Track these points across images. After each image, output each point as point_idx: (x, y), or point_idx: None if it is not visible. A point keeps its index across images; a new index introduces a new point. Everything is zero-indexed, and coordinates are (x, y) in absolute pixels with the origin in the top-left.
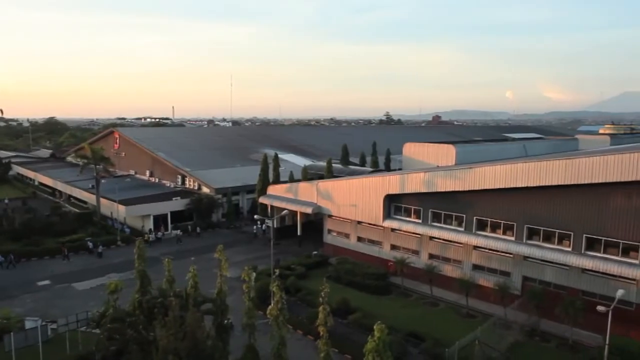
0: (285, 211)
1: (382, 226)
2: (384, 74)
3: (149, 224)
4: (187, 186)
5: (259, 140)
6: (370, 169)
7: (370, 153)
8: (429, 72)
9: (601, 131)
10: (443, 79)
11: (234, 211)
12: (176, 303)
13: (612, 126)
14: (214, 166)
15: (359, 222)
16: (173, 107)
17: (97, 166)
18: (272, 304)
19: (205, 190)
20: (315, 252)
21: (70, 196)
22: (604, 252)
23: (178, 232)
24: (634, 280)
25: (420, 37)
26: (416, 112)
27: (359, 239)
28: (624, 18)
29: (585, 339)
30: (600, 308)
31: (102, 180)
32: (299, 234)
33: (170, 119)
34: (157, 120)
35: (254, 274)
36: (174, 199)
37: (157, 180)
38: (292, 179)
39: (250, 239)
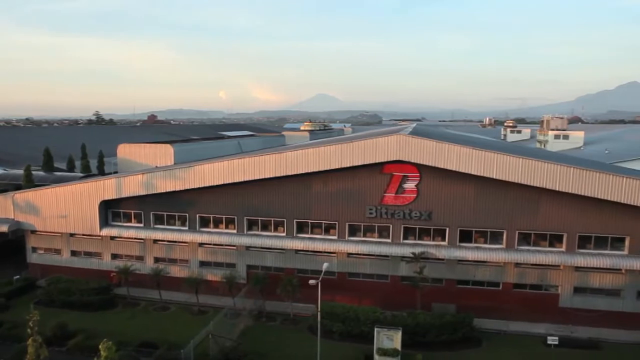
0: None
1: (99, 235)
2: (92, 69)
3: None
4: None
5: None
6: (82, 174)
7: (80, 157)
8: (143, 70)
9: (302, 128)
10: (158, 78)
11: None
12: None
13: (310, 123)
14: None
15: (72, 235)
16: None
17: None
18: None
19: None
20: (17, 277)
21: None
22: (311, 233)
23: None
24: (334, 253)
25: (131, 32)
26: (130, 111)
27: (74, 253)
28: (313, 32)
29: (303, 311)
30: (311, 282)
31: None
32: None
33: None
34: None
35: None
36: None
37: None
38: None
39: None
